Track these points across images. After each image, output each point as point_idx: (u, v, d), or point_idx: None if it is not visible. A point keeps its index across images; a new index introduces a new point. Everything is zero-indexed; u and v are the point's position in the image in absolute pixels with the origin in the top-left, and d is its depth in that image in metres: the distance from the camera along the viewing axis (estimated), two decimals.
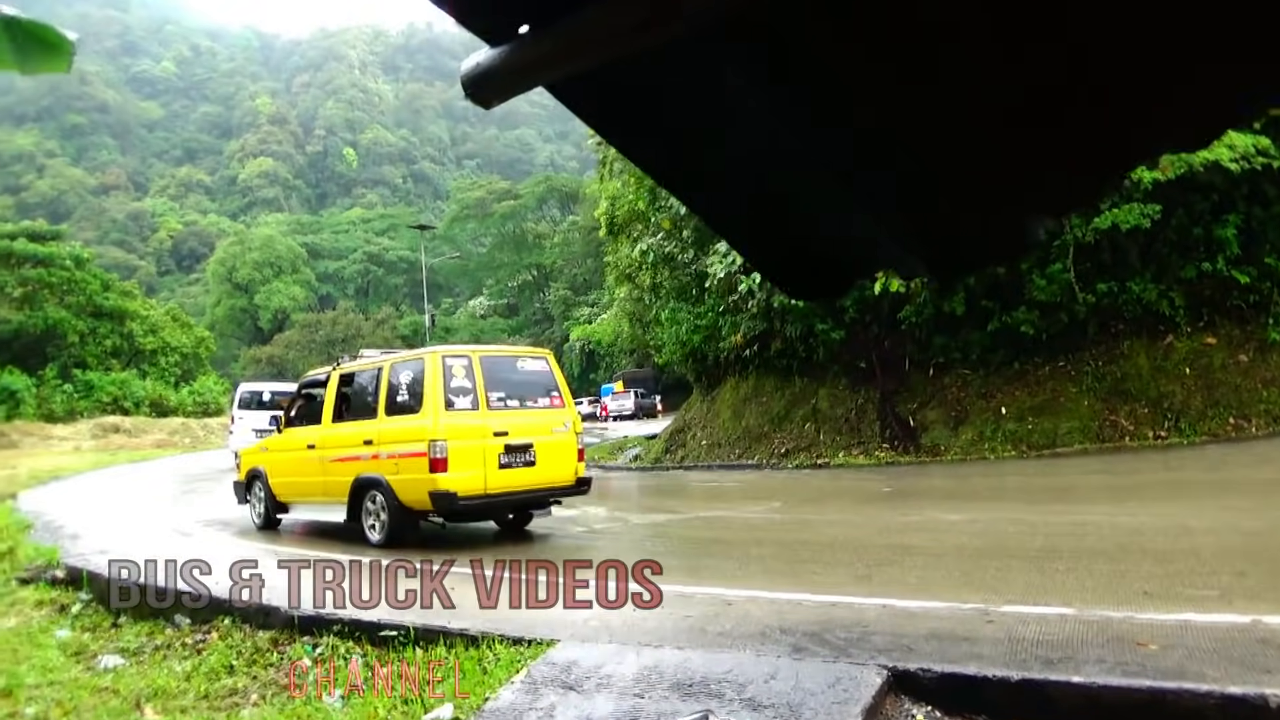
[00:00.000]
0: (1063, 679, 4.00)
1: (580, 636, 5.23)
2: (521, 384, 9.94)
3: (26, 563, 8.97)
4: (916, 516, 9.78)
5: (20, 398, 35.87)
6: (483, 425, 9.18)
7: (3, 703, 5.03)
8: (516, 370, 10.10)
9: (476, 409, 9.23)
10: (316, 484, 10.49)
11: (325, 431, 10.44)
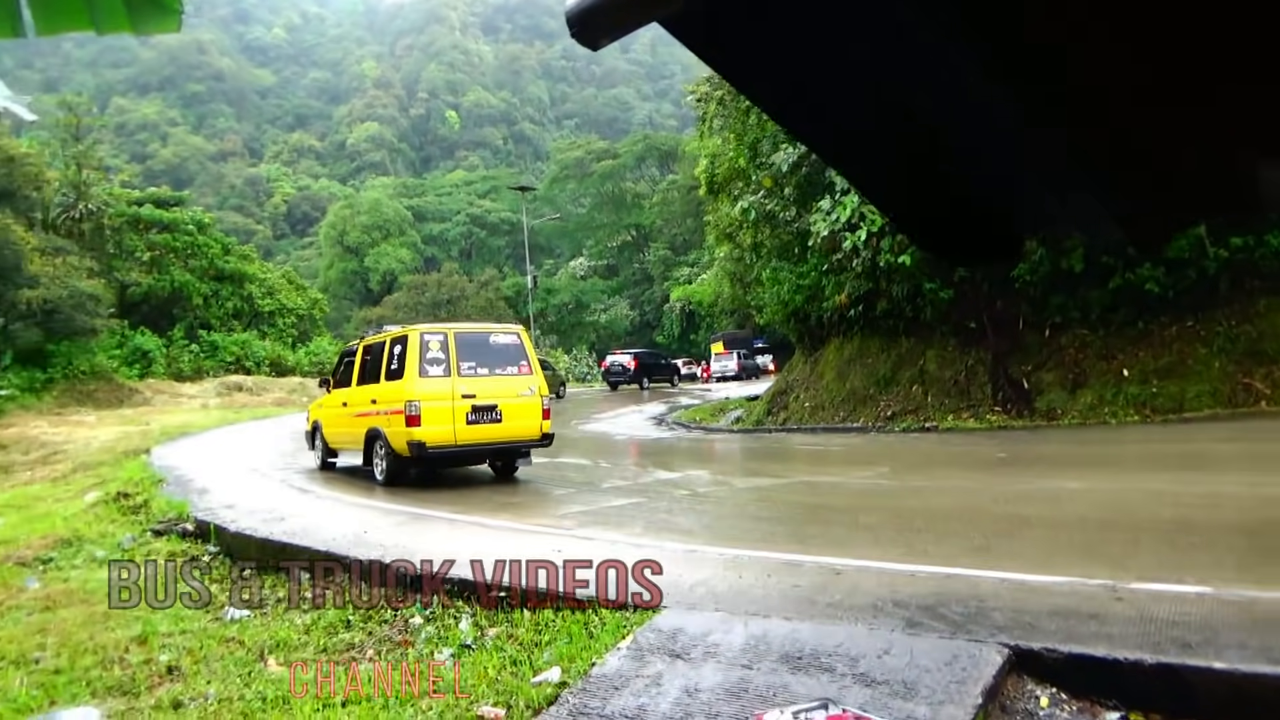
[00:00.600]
0: (1203, 665, 3.75)
1: (686, 603, 5.19)
2: (492, 355, 11.66)
3: (160, 515, 9.47)
4: (1033, 484, 9.40)
5: (152, 357, 37.94)
6: (451, 389, 11.05)
7: (139, 650, 5.31)
8: (488, 344, 11.82)
9: (448, 376, 11.09)
10: (348, 434, 12.62)
11: (352, 392, 12.54)
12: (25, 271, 29.79)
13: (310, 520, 8.57)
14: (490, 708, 4.08)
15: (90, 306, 31.70)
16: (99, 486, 12.23)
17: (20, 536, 9.22)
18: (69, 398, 30.70)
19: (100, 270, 35.87)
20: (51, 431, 21.91)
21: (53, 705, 4.58)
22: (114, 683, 4.88)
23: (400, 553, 6.85)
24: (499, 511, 9.10)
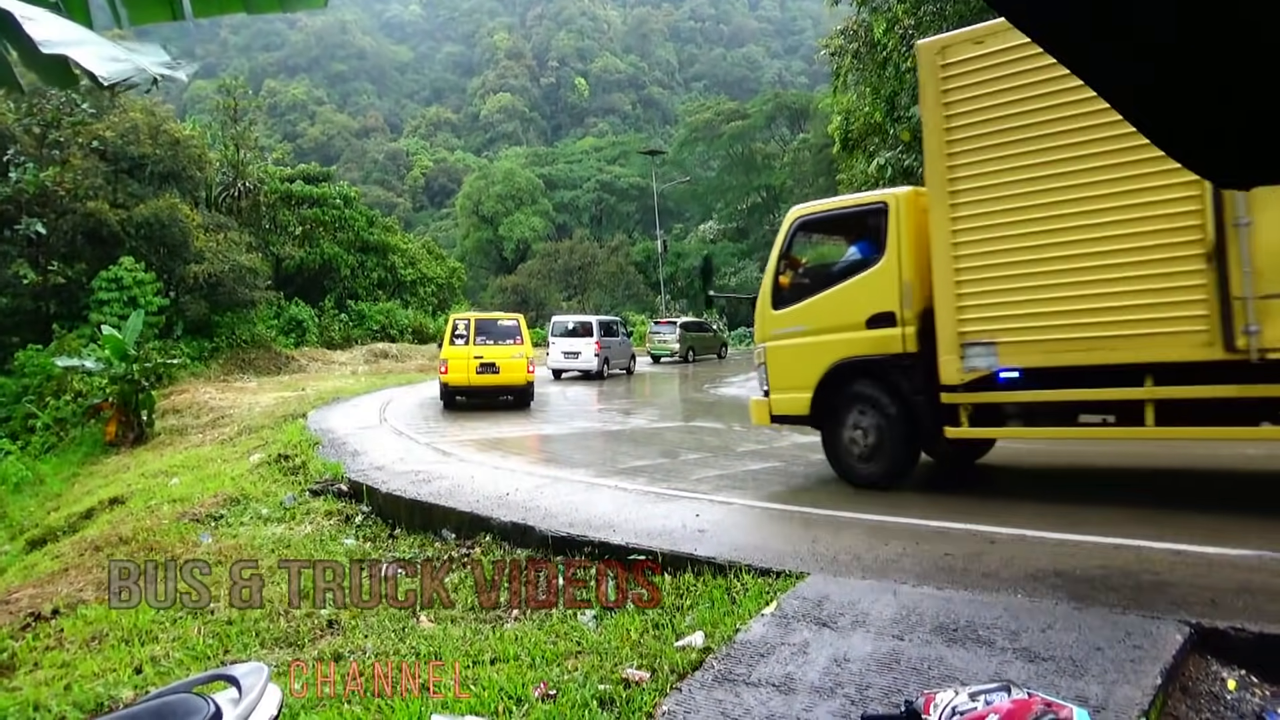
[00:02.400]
0: None
1: (831, 571, 5.06)
2: (498, 332, 19.14)
3: (317, 476, 9.96)
4: (1202, 449, 8.73)
5: (306, 326, 40.00)
6: (468, 353, 18.41)
7: (304, 603, 5.58)
8: (496, 325, 19.54)
9: (467, 345, 18.53)
10: None
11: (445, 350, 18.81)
12: (191, 248, 31.81)
13: (455, 482, 8.82)
14: (635, 670, 4.07)
15: (250, 279, 33.60)
16: (262, 448, 12.98)
17: (194, 495, 9.88)
18: (232, 365, 32.74)
19: (257, 245, 37.93)
20: (218, 397, 23.43)
21: (226, 654, 4.88)
22: (280, 635, 5.15)
23: (541, 515, 6.96)
24: (634, 475, 9.14)
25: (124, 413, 19.68)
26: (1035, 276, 6.69)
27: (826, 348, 8.04)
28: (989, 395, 6.98)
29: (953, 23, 16.48)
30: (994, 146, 6.91)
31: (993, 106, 6.91)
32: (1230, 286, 5.84)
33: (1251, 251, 5.75)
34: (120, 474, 14.93)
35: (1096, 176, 6.36)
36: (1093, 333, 6.44)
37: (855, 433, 7.89)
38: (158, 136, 33.06)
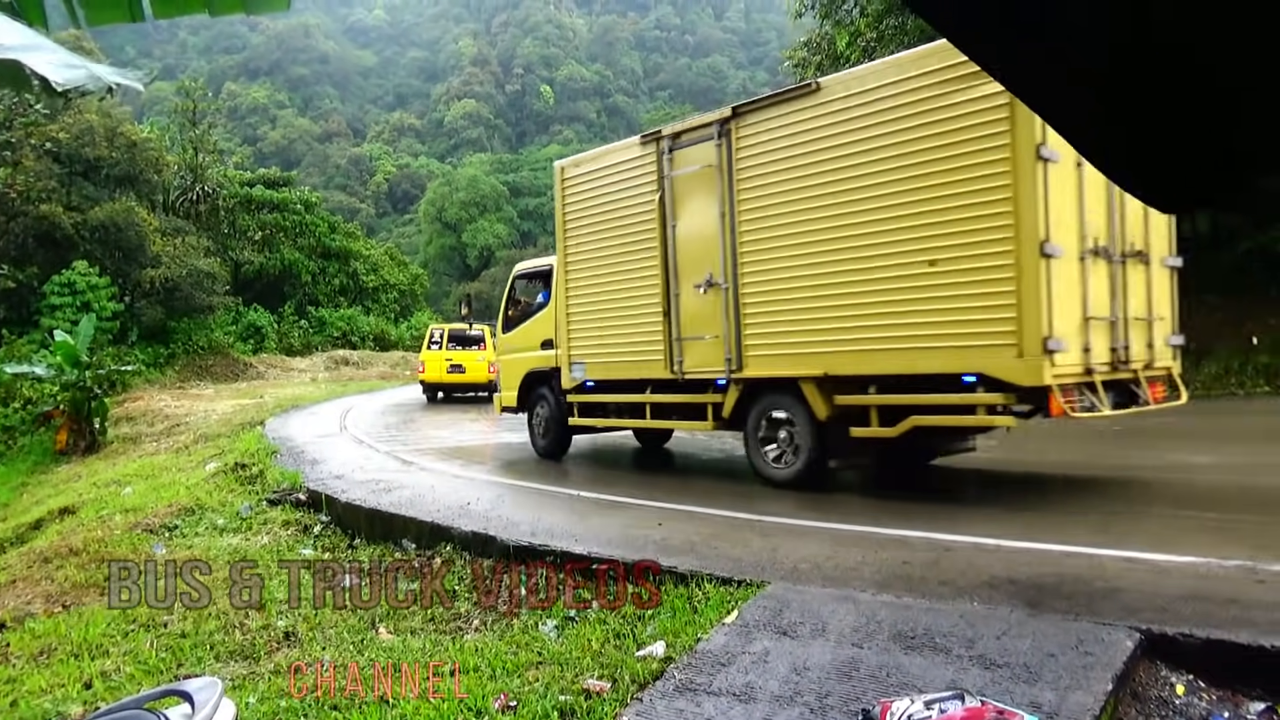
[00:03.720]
0: None
1: (791, 579, 5.09)
2: (467, 340, 22.95)
3: (275, 485, 9.83)
4: (1156, 459, 8.93)
5: (265, 333, 39.49)
6: (441, 355, 22.55)
7: (257, 615, 5.51)
8: (466, 334, 22.82)
9: (441, 349, 22.73)
10: None
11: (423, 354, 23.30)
12: (148, 252, 31.29)
13: (415, 491, 8.76)
14: (595, 680, 4.07)
15: (208, 285, 33.12)
16: (218, 457, 12.79)
17: (148, 505, 9.71)
18: (189, 372, 32.24)
19: (216, 249, 37.42)
20: (174, 404, 23.04)
21: (180, 668, 4.79)
22: (235, 647, 5.07)
23: (503, 524, 6.93)
24: (592, 484, 9.16)
25: (75, 420, 19.29)
26: (600, 321, 10.19)
27: (524, 361, 11.71)
28: (581, 396, 10.59)
29: (914, 36, 16.73)
30: (583, 234, 10.43)
31: (583, 206, 10.47)
32: (671, 332, 9.23)
33: (679, 313, 9.14)
34: (71, 483, 14.63)
35: (631, 258, 9.74)
36: (623, 359, 9.89)
37: (537, 420, 11.70)
38: (114, 139, 32.51)
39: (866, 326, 7.48)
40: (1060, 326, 6.52)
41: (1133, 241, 7.42)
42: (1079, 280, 6.89)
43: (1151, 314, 7.67)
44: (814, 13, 20.75)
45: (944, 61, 6.78)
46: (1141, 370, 7.49)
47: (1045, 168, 6.43)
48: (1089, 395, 6.87)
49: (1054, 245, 6.49)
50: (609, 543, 6.12)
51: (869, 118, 7.39)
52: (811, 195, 7.81)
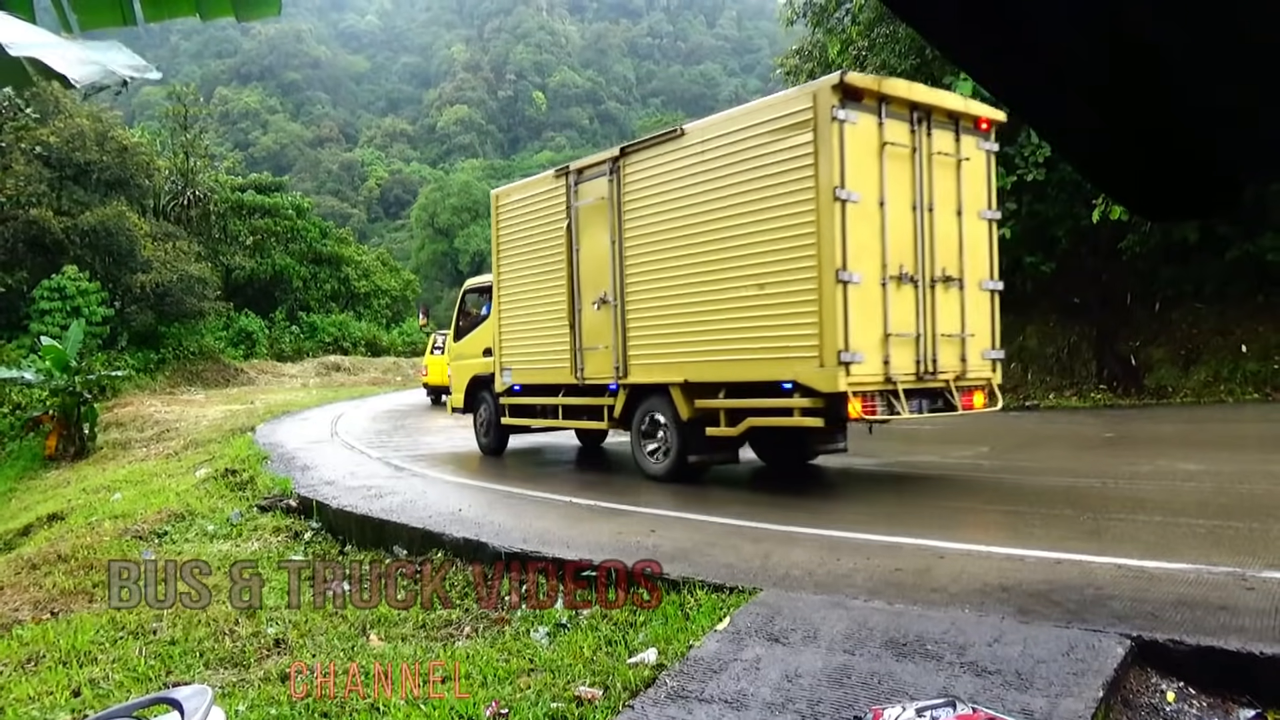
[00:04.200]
0: None
1: (783, 586, 5.09)
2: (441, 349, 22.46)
3: (265, 492, 9.79)
4: (1147, 466, 8.95)
5: (255, 338, 39.38)
6: (443, 359, 18.80)
7: (247, 623, 5.48)
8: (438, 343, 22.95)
9: (443, 354, 19.24)
10: None
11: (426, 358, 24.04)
12: (139, 257, 31.16)
13: (407, 497, 8.74)
14: (587, 688, 4.06)
15: (198, 290, 33.00)
16: (208, 463, 12.73)
17: (137, 511, 9.66)
18: (179, 377, 32.11)
19: (206, 255, 37.29)
20: (164, 410, 22.94)
21: (169, 675, 4.76)
22: (225, 654, 5.04)
23: (494, 531, 6.92)
24: (587, 490, 9.14)
25: (65, 426, 19.18)
26: (524, 332, 11.50)
27: (470, 367, 12.96)
28: (511, 399, 11.88)
29: (904, 45, 16.81)
30: (512, 254, 11.78)
31: (512, 230, 11.82)
32: (575, 343, 10.44)
33: (581, 326, 10.36)
34: (60, 489, 14.55)
35: (547, 277, 10.98)
36: (541, 366, 11.17)
37: (479, 420, 13.02)
38: (105, 143, 32.40)
39: (715, 340, 8.69)
40: (856, 341, 7.62)
41: (944, 268, 8.37)
42: (880, 302, 7.90)
43: (965, 331, 8.57)
44: (806, 21, 20.80)
45: (768, 115, 8.13)
46: (953, 380, 8.42)
47: (843, 208, 7.54)
48: (889, 400, 7.90)
49: (850, 273, 7.58)
50: (601, 549, 6.11)
51: (716, 161, 8.61)
52: (675, 226, 9.09)
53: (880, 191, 7.89)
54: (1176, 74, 0.74)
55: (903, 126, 8.11)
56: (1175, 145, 0.84)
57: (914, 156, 8.18)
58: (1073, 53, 0.75)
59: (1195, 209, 0.98)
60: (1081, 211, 14.96)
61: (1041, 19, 0.72)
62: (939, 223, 8.39)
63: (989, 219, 8.95)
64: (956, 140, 8.53)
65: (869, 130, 7.83)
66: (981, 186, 8.83)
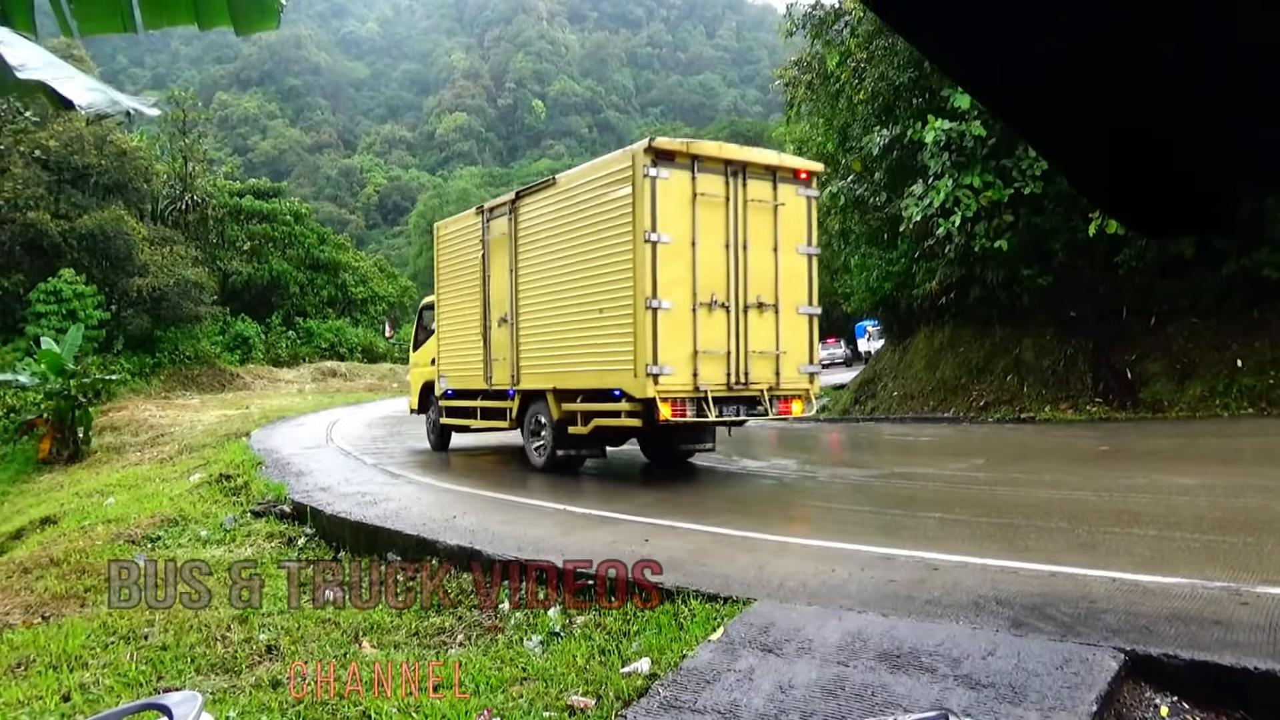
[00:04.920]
0: None
1: (777, 597, 5.08)
2: None
3: (259, 497, 9.76)
4: (1141, 479, 8.96)
5: (252, 343, 39.37)
6: None
7: (239, 628, 5.46)
8: None
9: None
10: None
11: None
12: (136, 260, 31.16)
13: (401, 504, 8.72)
14: (580, 697, 4.05)
15: (195, 294, 33.00)
16: (203, 468, 12.70)
17: (130, 515, 9.63)
18: (175, 382, 32.07)
19: (204, 259, 37.30)
20: (159, 414, 22.90)
21: (160, 681, 4.74)
22: (217, 660, 5.02)
23: (489, 539, 6.90)
24: (580, 498, 9.12)
25: (59, 429, 19.14)
26: (454, 344, 13.35)
27: (422, 374, 14.83)
28: (447, 402, 13.60)
29: (904, 57, 16.87)
30: (447, 278, 13.72)
31: (447, 257, 13.82)
32: (486, 355, 12.22)
33: (490, 340, 12.13)
34: (53, 493, 14.51)
35: (469, 298, 12.85)
36: (464, 373, 12.88)
37: (428, 420, 14.74)
38: (104, 147, 32.43)
39: (573, 354, 10.51)
40: (665, 357, 9.26)
41: (758, 296, 9.95)
42: (690, 325, 9.49)
43: (779, 349, 10.10)
44: (805, 32, 20.86)
45: (604, 171, 10.02)
46: (767, 390, 10.00)
47: (654, 248, 9.22)
48: (699, 405, 9.51)
49: (660, 300, 9.24)
50: (596, 557, 6.08)
51: (574, 207, 10.50)
52: (550, 258, 10.91)
53: (692, 233, 9.50)
54: (1172, 89, 0.74)
55: (717, 179, 9.72)
56: (1171, 161, 0.84)
57: (728, 204, 9.77)
58: (1067, 68, 0.75)
59: (1191, 225, 0.98)
60: (1078, 225, 15.00)
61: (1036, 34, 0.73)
62: (754, 258, 9.93)
63: (807, 254, 10.42)
64: (774, 189, 10.08)
65: (682, 184, 9.45)
66: (801, 226, 10.34)
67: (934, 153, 15.65)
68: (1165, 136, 0.80)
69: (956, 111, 15.21)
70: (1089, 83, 0.76)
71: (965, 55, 0.77)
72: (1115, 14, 0.68)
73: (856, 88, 18.66)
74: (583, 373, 10.25)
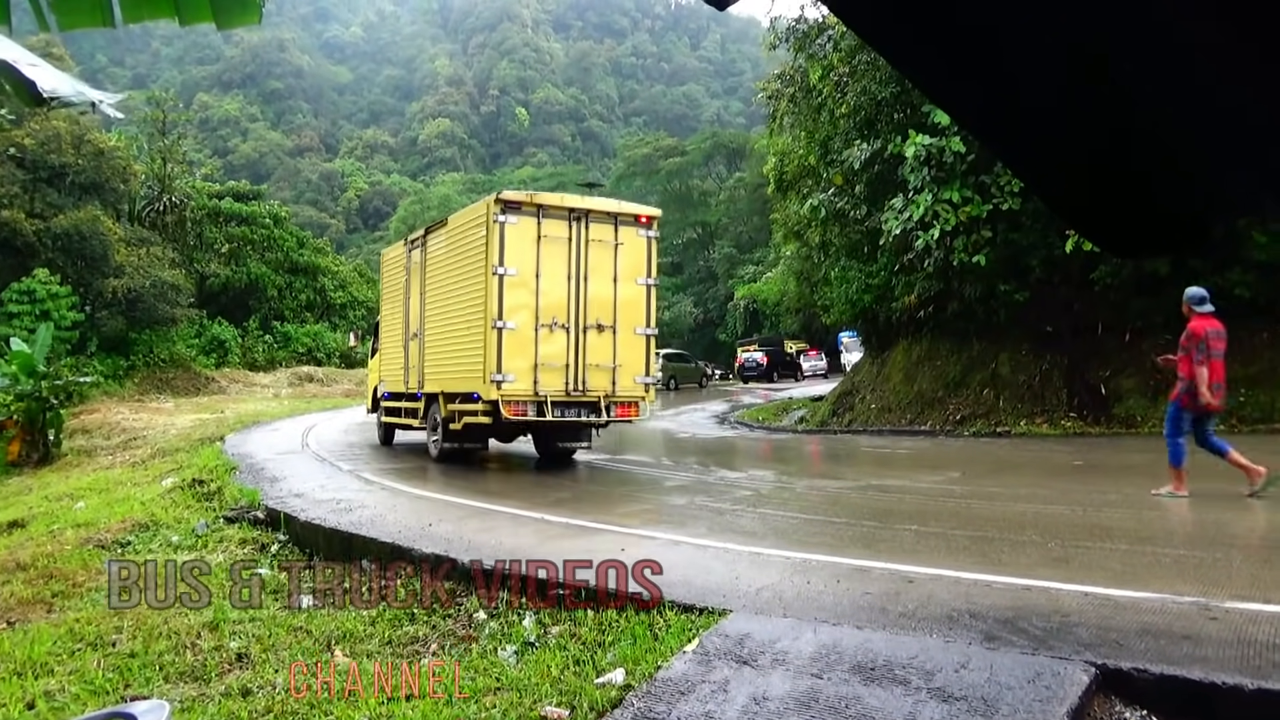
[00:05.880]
0: None
1: (753, 608, 5.08)
2: None
3: (232, 503, 9.66)
4: (1114, 494, 9.05)
5: (228, 347, 39.00)
6: None
7: (210, 636, 5.39)
8: None
9: None
10: None
11: None
12: (111, 261, 30.85)
13: (376, 511, 8.65)
14: (554, 708, 4.03)
15: (171, 296, 32.68)
16: (175, 472, 12.56)
17: (101, 520, 9.49)
18: (149, 385, 31.72)
19: (181, 261, 36.96)
20: (132, 417, 22.64)
21: (127, 689, 4.67)
22: (186, 668, 4.95)
23: (464, 547, 6.86)
24: (560, 507, 9.09)
25: (29, 431, 18.87)
26: (389, 354, 15.62)
27: (374, 379, 16.73)
28: (385, 403, 15.73)
29: (885, 72, 17.00)
30: (386, 297, 16.35)
31: (386, 280, 16.56)
32: (406, 362, 14.31)
33: (408, 351, 14.23)
34: (21, 496, 14.29)
35: (397, 316, 15.10)
36: (394, 378, 14.99)
37: (377, 419, 16.45)
38: (81, 146, 32.11)
39: (452, 363, 12.48)
40: (508, 367, 11.19)
41: (597, 319, 11.72)
42: (532, 342, 11.38)
43: (615, 363, 11.82)
44: (788, 46, 20.99)
45: (471, 216, 12.23)
46: (604, 397, 11.71)
47: (501, 279, 11.20)
48: (539, 408, 11.36)
49: (505, 322, 11.21)
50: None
51: (454, 243, 12.70)
52: (438, 285, 13.20)
53: (537, 267, 11.40)
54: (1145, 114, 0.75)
55: (561, 223, 11.59)
56: (1145, 184, 0.85)
57: (571, 243, 11.59)
58: (1043, 90, 0.76)
59: (1164, 247, 0.99)
60: (1055, 241, 15.14)
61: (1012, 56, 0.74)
62: (594, 287, 11.72)
63: (646, 284, 12.16)
64: (615, 230, 11.91)
65: (529, 227, 11.37)
66: (641, 261, 12.11)
67: (914, 167, 15.78)
68: (1139, 159, 0.81)
69: (937, 127, 15.34)
70: (1064, 104, 0.77)
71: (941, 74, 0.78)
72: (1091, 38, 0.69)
73: (838, 101, 18.78)
74: (456, 379, 12.23)
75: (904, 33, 0.75)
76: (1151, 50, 0.69)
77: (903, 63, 0.80)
